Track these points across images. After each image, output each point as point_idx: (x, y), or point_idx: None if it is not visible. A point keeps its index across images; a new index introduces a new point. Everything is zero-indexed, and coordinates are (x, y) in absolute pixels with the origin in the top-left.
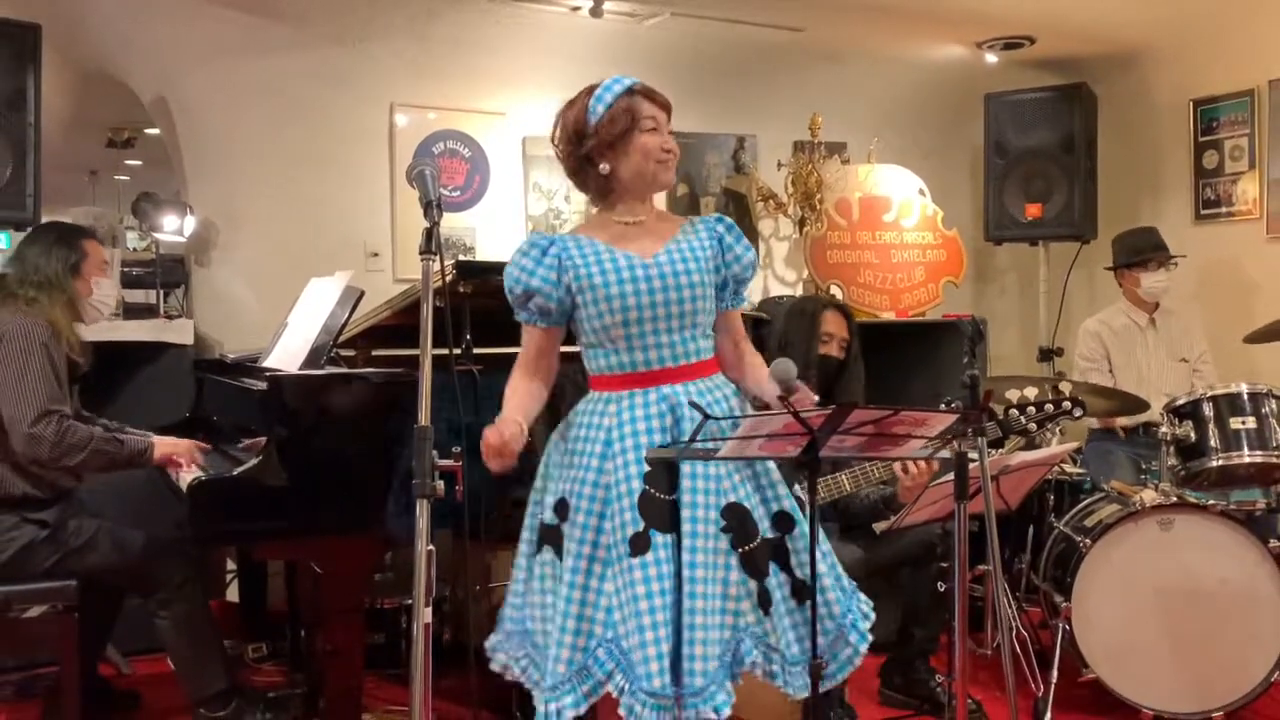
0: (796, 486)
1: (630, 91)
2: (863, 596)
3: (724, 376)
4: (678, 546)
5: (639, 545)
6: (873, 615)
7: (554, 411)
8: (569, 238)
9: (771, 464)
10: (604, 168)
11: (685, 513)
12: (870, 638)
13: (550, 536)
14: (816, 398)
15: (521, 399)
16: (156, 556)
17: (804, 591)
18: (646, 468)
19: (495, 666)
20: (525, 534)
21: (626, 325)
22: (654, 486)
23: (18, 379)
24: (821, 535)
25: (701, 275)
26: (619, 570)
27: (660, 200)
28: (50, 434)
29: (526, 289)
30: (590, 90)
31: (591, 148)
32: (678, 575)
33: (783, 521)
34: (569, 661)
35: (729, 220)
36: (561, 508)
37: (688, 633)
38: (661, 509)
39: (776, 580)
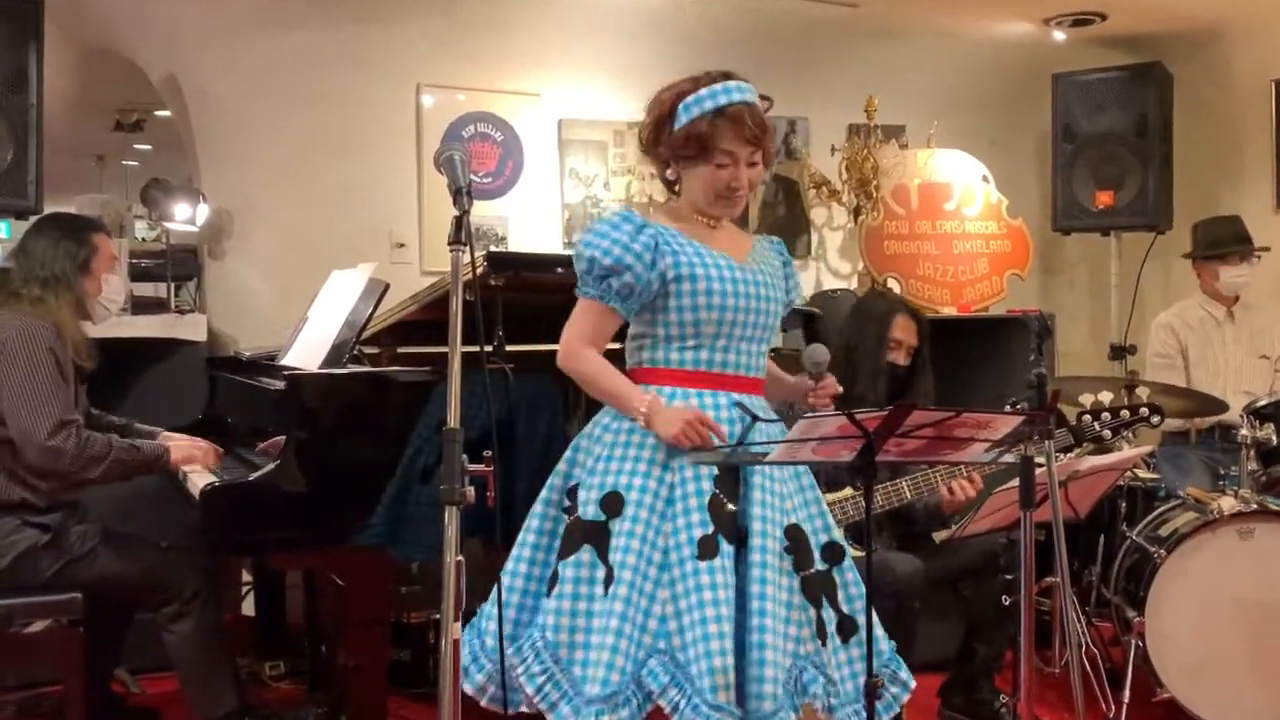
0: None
1: (719, 113)
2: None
3: None
4: (737, 560)
5: (708, 549)
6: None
7: (572, 403)
8: (660, 225)
9: (819, 492)
10: (670, 174)
11: (755, 525)
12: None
13: (593, 534)
14: (840, 389)
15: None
16: (166, 567)
17: (850, 629)
18: (717, 471)
19: (469, 689)
20: (534, 537)
21: (720, 324)
22: (723, 492)
23: (27, 388)
24: (857, 575)
25: (779, 293)
26: (681, 574)
27: None
28: (70, 446)
29: (617, 262)
30: (692, 84)
31: (664, 152)
32: (739, 591)
33: (831, 553)
34: (621, 670)
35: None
36: (612, 502)
37: (756, 652)
38: (729, 517)
39: (827, 614)
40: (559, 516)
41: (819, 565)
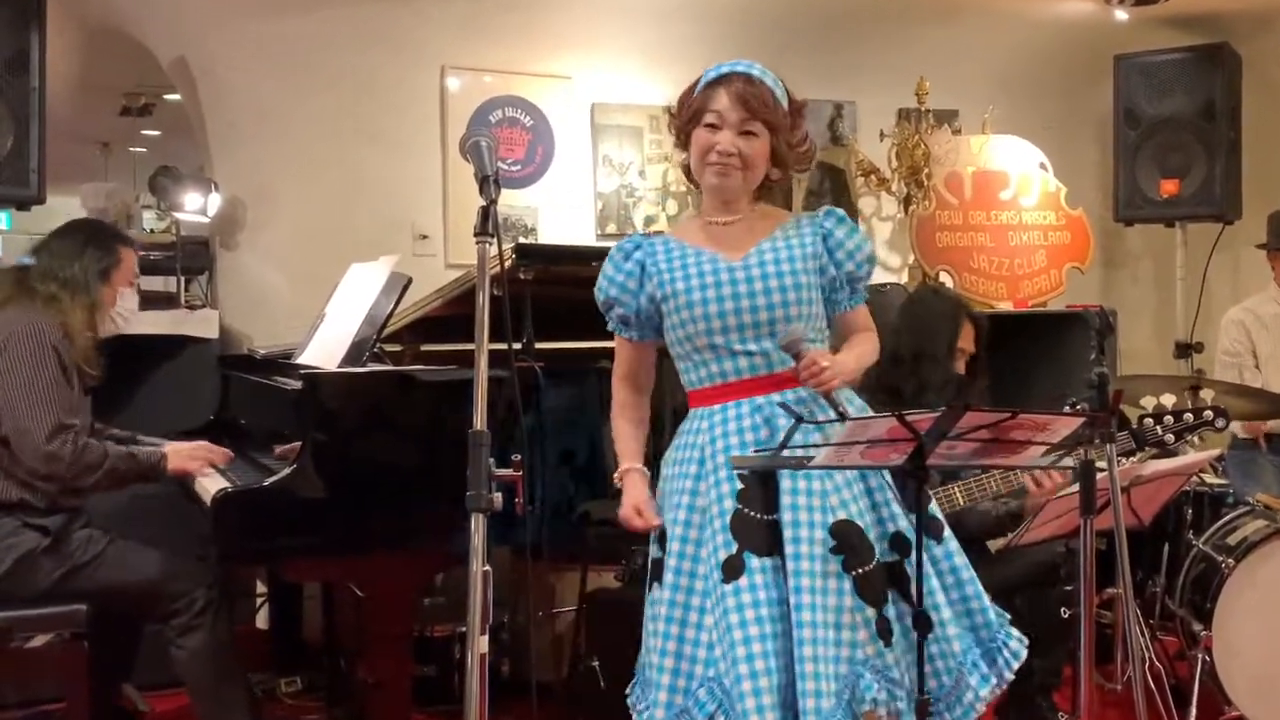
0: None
1: (717, 81)
2: (1014, 630)
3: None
4: (782, 571)
5: (731, 570)
6: (1023, 652)
7: (606, 403)
8: (658, 240)
9: (888, 478)
10: (683, 158)
11: (787, 533)
12: (999, 679)
13: (657, 570)
14: (824, 363)
15: (631, 432)
16: (175, 577)
17: (927, 623)
18: (740, 485)
19: None
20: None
21: (710, 334)
22: (748, 506)
23: (28, 386)
24: (960, 554)
25: (796, 277)
26: (715, 600)
27: None
28: (68, 453)
29: (607, 296)
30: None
31: (676, 134)
32: (785, 603)
33: (900, 544)
34: (668, 705)
35: (840, 213)
36: (661, 538)
37: (799, 666)
38: (758, 530)
39: (896, 610)
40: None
41: (886, 557)
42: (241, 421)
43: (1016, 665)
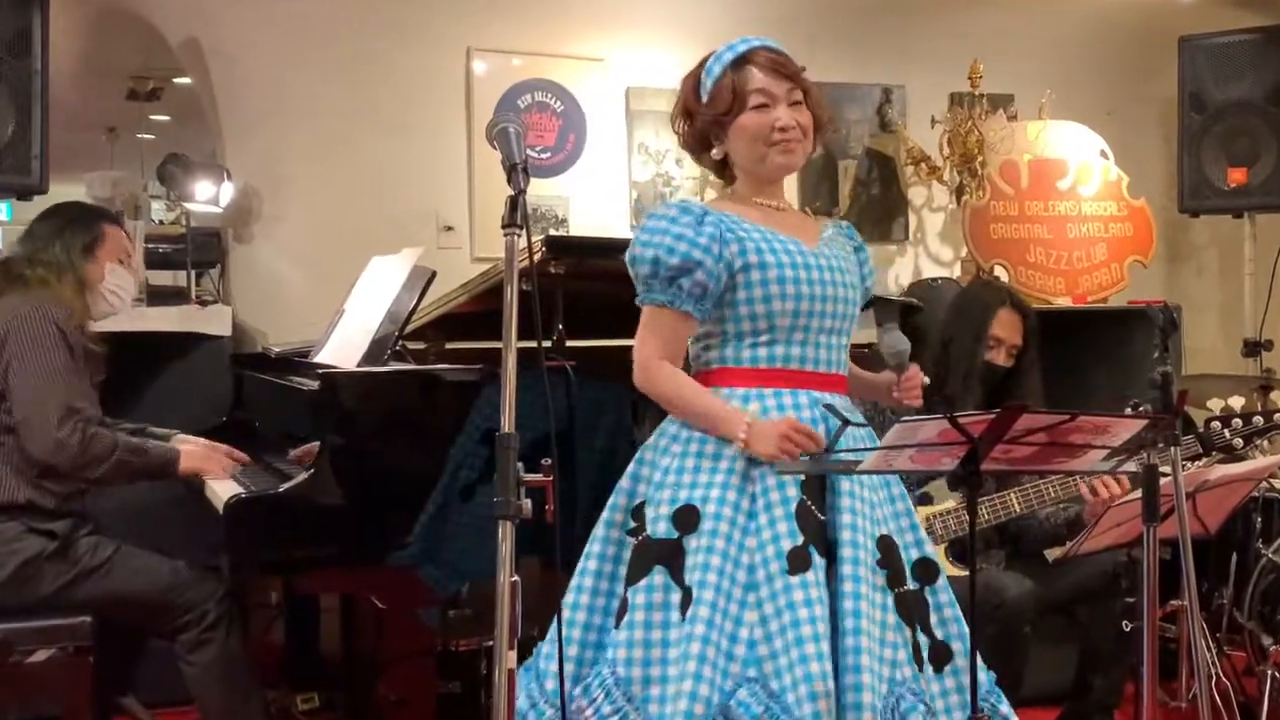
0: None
1: (740, 61)
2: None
3: None
4: (828, 574)
5: (799, 562)
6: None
7: (641, 407)
8: (715, 211)
9: (910, 503)
10: (715, 152)
11: (845, 535)
12: None
13: (666, 554)
14: (926, 380)
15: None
16: (185, 587)
17: (945, 656)
18: (802, 476)
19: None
20: (596, 563)
21: (797, 315)
22: (811, 499)
23: (37, 370)
24: (951, 596)
25: (855, 279)
26: (770, 592)
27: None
28: (75, 441)
29: (685, 258)
30: (708, 58)
31: (702, 129)
32: (830, 609)
33: (924, 570)
34: (706, 701)
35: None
36: (686, 517)
37: (852, 676)
38: (819, 527)
39: (921, 637)
40: (623, 539)
41: (910, 584)
42: (255, 423)
43: None
